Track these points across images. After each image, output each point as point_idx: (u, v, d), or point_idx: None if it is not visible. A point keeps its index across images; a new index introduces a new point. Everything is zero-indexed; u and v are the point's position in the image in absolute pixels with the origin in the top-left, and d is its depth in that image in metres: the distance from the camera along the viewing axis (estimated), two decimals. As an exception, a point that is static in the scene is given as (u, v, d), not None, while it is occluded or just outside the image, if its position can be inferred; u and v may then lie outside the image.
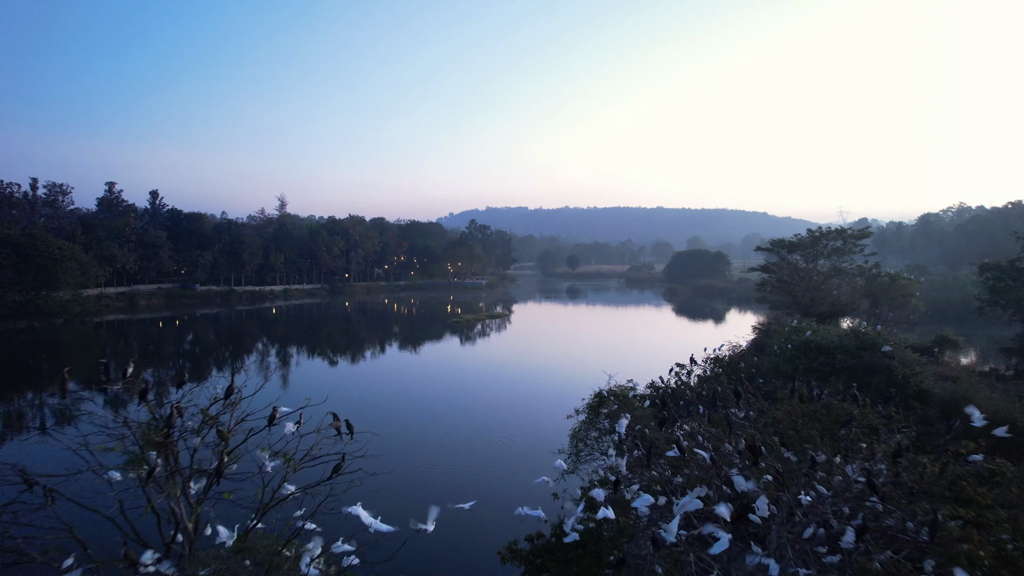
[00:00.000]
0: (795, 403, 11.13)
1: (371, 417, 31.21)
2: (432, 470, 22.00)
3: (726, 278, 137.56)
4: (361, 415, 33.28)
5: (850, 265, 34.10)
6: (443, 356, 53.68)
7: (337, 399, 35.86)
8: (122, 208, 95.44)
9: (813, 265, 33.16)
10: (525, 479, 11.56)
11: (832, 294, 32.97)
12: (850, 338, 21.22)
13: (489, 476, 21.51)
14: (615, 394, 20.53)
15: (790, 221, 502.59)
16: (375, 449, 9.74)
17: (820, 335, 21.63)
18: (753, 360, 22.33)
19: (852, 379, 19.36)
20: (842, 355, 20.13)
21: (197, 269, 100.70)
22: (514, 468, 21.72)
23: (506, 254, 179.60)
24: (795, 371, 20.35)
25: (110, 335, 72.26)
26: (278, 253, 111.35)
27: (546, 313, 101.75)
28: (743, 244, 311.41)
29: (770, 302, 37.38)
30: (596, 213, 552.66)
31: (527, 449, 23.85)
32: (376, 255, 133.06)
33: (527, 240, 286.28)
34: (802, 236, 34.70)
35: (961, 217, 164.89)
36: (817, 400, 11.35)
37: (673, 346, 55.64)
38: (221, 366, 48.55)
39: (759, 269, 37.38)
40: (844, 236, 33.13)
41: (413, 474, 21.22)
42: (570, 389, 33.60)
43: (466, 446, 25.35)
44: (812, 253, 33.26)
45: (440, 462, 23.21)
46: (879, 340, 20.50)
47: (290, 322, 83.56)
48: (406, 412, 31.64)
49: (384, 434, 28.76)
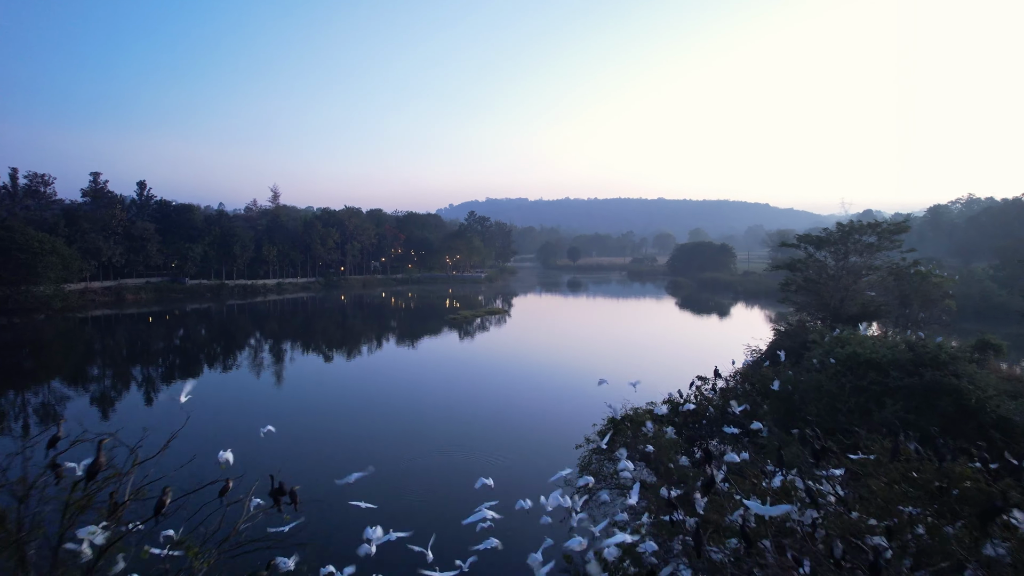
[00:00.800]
0: (897, 465, 8.12)
1: (354, 431, 28.47)
2: (408, 506, 19.09)
3: (731, 271, 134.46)
4: (342, 424, 30.09)
5: (883, 262, 31.05)
6: (438, 356, 50.73)
7: (306, 413, 32.45)
8: (108, 199, 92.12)
9: (843, 263, 30.03)
10: (520, 523, 8.84)
11: (863, 294, 29.92)
12: (904, 351, 18.20)
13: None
14: (631, 419, 17.70)
15: (792, 213, 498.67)
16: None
17: (868, 347, 18.63)
18: (788, 375, 19.34)
19: (911, 402, 16.46)
20: (897, 372, 17.12)
21: (187, 262, 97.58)
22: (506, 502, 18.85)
23: (506, 246, 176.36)
24: (842, 391, 17.42)
25: (95, 331, 69.46)
26: (271, 246, 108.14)
27: (547, 308, 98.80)
28: (746, 236, 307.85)
29: (796, 303, 34.24)
30: (597, 204, 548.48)
31: (525, 475, 20.92)
32: (373, 247, 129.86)
33: (527, 232, 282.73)
34: (830, 230, 31.58)
35: (971, 209, 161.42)
36: (923, 459, 8.36)
37: (686, 347, 52.99)
38: (190, 368, 45.74)
39: (784, 267, 34.17)
40: (879, 230, 29.98)
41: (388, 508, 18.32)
42: (576, 398, 30.70)
43: (454, 469, 22.44)
44: (842, 249, 30.16)
45: (422, 488, 20.37)
46: (941, 354, 17.50)
47: (281, 317, 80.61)
48: (393, 423, 28.73)
49: (366, 452, 26.12)
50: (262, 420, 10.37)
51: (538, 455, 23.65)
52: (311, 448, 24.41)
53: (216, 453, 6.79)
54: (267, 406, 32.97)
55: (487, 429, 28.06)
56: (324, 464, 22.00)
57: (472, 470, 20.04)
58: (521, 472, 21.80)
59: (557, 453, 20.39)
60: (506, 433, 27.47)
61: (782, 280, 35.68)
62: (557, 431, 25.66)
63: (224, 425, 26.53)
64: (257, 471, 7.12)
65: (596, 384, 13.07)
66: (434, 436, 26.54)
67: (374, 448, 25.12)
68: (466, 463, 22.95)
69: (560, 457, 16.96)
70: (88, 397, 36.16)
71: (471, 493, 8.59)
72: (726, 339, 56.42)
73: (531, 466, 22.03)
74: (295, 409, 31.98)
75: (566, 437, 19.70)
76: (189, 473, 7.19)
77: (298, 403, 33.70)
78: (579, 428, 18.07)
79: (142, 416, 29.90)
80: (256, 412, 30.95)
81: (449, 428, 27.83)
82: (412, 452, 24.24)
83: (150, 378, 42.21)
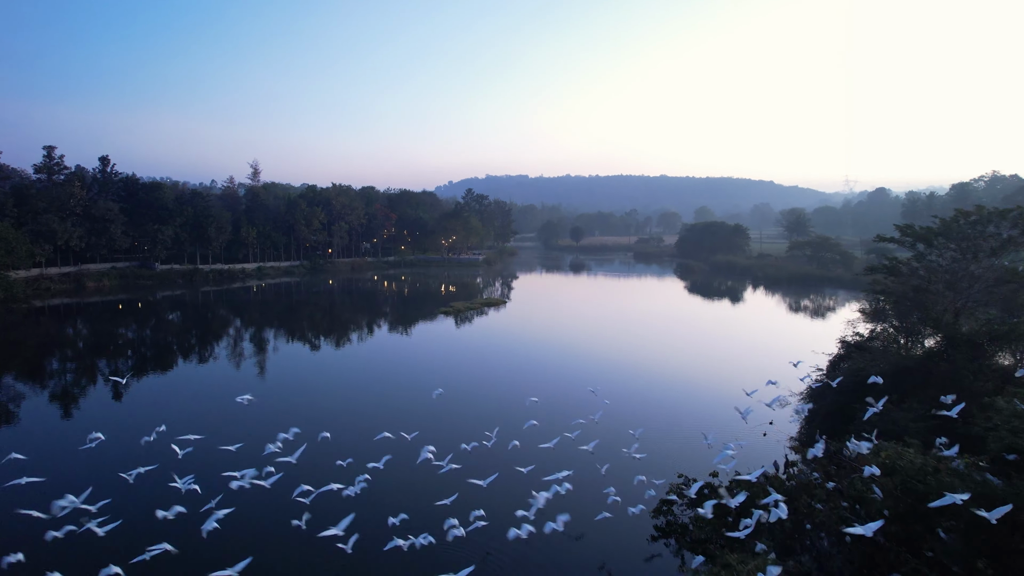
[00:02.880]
0: None
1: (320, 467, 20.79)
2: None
3: (746, 254, 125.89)
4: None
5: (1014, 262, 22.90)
6: (424, 367, 42.72)
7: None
8: (64, 176, 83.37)
9: (968, 264, 21.66)
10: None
11: (982, 309, 21.75)
12: None
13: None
14: (702, 522, 10.42)
15: (798, 190, 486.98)
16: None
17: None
18: (905, 457, 11.50)
19: None
20: None
21: (157, 246, 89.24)
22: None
23: (505, 225, 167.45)
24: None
25: (52, 322, 61.79)
26: (250, 227, 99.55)
27: (552, 298, 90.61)
28: (752, 214, 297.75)
29: (889, 315, 25.99)
30: (598, 182, 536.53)
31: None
32: (362, 228, 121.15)
33: (528, 210, 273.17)
34: (945, 220, 23.22)
35: (994, 186, 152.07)
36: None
37: (728, 361, 42.67)
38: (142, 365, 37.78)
39: (882, 270, 25.67)
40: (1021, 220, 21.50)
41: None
42: (611, 457, 23.05)
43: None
44: (970, 247, 21.82)
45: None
46: None
47: (256, 304, 72.62)
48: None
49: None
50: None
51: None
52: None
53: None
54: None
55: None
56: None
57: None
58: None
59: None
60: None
61: (868, 288, 27.61)
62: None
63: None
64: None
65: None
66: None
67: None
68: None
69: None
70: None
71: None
72: (771, 344, 48.43)
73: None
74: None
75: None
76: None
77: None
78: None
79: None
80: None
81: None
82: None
83: (69, 391, 34.32)
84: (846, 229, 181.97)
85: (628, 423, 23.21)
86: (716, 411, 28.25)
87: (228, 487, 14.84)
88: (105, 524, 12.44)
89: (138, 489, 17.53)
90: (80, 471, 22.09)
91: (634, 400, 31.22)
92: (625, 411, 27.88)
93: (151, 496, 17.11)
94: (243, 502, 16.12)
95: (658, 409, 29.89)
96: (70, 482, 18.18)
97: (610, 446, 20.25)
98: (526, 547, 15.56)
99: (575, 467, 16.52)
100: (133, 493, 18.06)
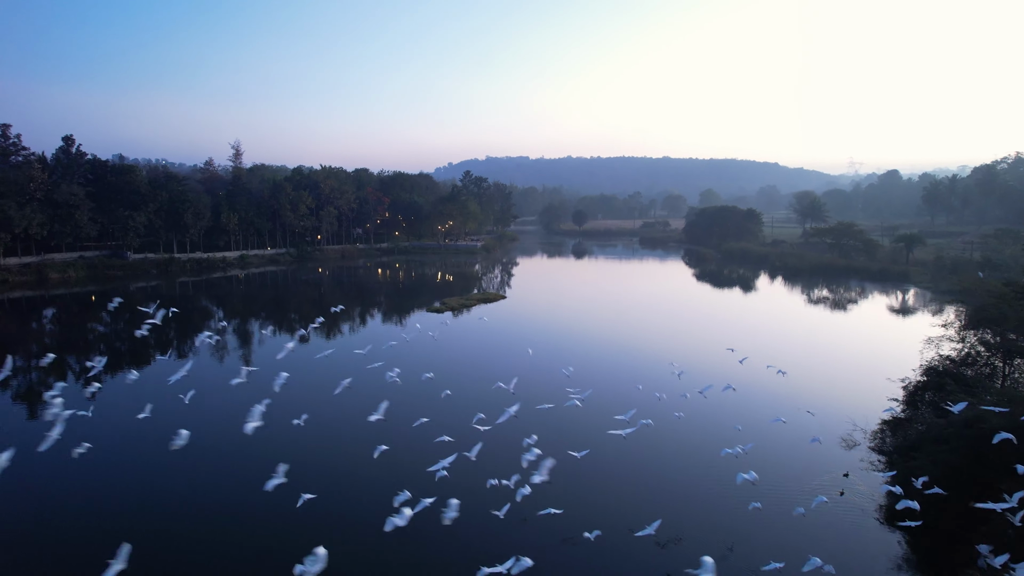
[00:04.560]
0: None
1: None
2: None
3: (759, 241, 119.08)
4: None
5: None
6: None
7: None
8: (22, 158, 76.35)
9: None
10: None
11: None
12: None
13: None
14: None
15: (803, 172, 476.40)
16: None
17: None
18: None
19: None
20: None
21: (128, 233, 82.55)
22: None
23: (505, 209, 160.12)
24: None
25: (10, 319, 55.61)
26: (231, 212, 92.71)
27: (556, 292, 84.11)
28: (758, 197, 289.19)
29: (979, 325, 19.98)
30: (600, 163, 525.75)
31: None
32: (353, 213, 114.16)
33: (528, 192, 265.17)
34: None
35: (1018, 168, 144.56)
36: None
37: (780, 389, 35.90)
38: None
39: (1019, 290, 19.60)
40: None
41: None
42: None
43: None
44: None
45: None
46: None
47: (238, 296, 66.30)
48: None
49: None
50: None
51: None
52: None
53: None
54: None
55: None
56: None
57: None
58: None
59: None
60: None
61: (948, 291, 21.34)
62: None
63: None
64: None
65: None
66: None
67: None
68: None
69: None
70: None
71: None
72: (821, 356, 41.87)
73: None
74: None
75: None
76: None
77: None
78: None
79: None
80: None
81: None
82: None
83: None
84: (856, 213, 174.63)
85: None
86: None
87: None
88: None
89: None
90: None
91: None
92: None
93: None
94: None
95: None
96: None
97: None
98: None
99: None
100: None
